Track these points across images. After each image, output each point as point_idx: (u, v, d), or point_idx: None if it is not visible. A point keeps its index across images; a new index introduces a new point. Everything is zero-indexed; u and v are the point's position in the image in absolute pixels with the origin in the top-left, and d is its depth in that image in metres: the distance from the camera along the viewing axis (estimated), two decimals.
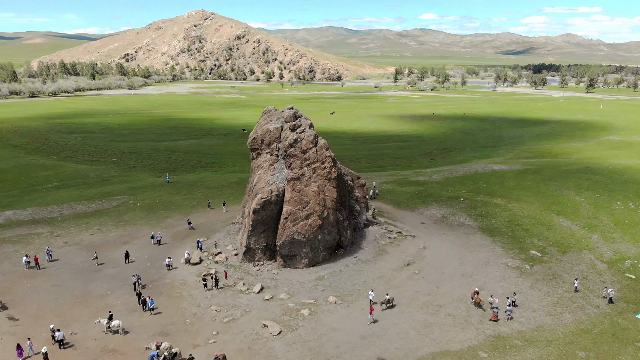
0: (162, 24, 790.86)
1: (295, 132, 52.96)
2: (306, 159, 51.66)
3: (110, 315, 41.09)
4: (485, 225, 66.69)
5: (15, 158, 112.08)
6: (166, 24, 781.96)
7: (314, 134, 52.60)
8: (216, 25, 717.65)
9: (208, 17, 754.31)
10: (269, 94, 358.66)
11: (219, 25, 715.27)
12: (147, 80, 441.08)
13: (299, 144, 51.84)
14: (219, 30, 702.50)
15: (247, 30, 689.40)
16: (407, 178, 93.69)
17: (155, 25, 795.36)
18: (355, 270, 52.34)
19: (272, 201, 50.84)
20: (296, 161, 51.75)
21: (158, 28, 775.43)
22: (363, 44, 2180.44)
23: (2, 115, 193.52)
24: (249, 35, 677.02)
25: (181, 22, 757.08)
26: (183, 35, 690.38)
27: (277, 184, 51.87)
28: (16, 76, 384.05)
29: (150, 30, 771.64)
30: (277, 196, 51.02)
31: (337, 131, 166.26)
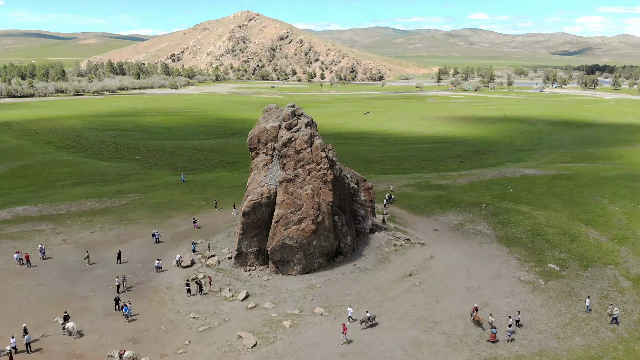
0: (208, 24, 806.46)
1: (290, 131, 50.10)
2: (300, 159, 48.72)
3: (65, 316, 39.73)
4: (503, 235, 61.76)
5: (43, 154, 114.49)
6: (212, 24, 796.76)
7: (310, 133, 49.57)
8: (260, 26, 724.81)
9: (253, 17, 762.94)
10: (307, 94, 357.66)
11: (263, 26, 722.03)
12: (190, 80, 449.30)
13: (293, 144, 48.96)
14: (262, 31, 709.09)
15: (290, 31, 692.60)
16: (429, 182, 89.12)
17: (202, 26, 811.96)
18: (351, 280, 48.97)
19: (262, 203, 48.19)
20: (290, 162, 48.91)
21: (204, 29, 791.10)
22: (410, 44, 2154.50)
23: (42, 112, 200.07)
24: (292, 35, 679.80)
25: (226, 23, 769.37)
26: (228, 36, 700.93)
27: (268, 185, 49.19)
28: (64, 75, 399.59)
29: (197, 31, 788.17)
30: (268, 198, 48.33)
31: (367, 132, 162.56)
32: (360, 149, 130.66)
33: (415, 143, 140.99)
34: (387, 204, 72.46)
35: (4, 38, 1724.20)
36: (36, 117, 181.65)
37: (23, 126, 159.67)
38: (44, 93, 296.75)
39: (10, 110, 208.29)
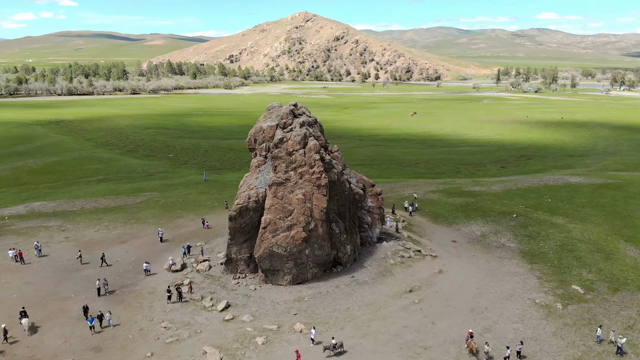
0: (266, 26, 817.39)
1: (283, 131, 46.79)
2: (292, 161, 45.30)
3: (21, 312, 38.62)
4: (529, 249, 55.67)
5: (80, 150, 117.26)
6: (270, 26, 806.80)
7: (303, 134, 46.01)
8: (317, 26, 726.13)
9: (310, 18, 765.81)
10: (357, 94, 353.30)
11: (320, 26, 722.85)
12: (244, 81, 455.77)
13: (285, 145, 45.61)
14: (319, 31, 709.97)
15: (346, 31, 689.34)
16: (461, 188, 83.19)
17: (260, 27, 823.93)
18: (344, 293, 45.02)
19: (250, 208, 45.18)
20: (281, 164, 45.60)
21: (262, 30, 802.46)
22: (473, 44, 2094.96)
23: (94, 110, 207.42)
24: (348, 36, 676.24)
25: (284, 24, 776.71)
26: (285, 37, 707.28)
27: (257, 188, 46.10)
28: (125, 74, 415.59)
29: (255, 33, 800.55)
30: (256, 202, 45.25)
31: (409, 133, 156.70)
32: (396, 151, 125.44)
33: (457, 146, 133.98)
34: (411, 212, 67.69)
35: (75, 39, 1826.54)
36: (86, 115, 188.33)
37: (71, 123, 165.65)
38: (103, 91, 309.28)
39: (65, 108, 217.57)
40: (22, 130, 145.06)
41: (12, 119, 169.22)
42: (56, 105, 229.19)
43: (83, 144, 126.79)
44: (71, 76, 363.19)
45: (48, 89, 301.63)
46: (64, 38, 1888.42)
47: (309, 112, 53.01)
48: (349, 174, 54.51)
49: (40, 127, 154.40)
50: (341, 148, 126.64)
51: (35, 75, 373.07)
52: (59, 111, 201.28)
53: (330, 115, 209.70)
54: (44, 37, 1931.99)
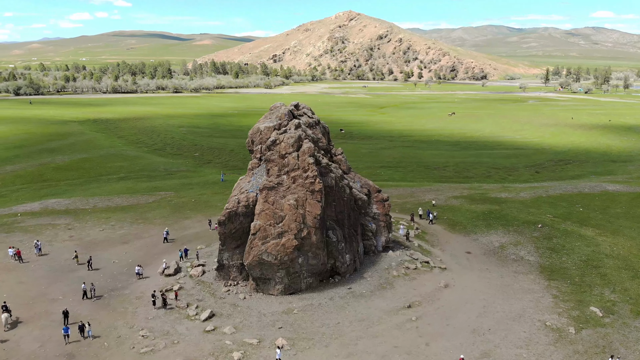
0: (310, 25, 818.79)
1: (276, 132, 44.46)
2: (285, 165, 42.91)
3: (3, 306, 38.10)
4: (549, 264, 51.21)
5: (109, 148, 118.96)
6: (314, 25, 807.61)
7: (297, 136, 43.48)
8: (360, 25, 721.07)
9: (354, 17, 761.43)
10: (396, 93, 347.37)
11: (363, 25, 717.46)
12: (285, 80, 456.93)
13: (277, 147, 43.27)
14: (362, 30, 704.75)
15: (390, 30, 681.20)
16: (486, 194, 78.60)
17: (304, 27, 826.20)
18: (337, 307, 42.27)
19: (239, 213, 43.12)
20: (274, 167, 43.30)
21: (306, 30, 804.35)
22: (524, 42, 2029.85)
23: (133, 108, 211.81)
24: (392, 34, 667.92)
25: (328, 24, 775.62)
26: (328, 36, 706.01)
27: (248, 192, 43.98)
28: (170, 73, 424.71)
29: (299, 32, 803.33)
30: (245, 207, 43.15)
31: (443, 134, 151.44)
32: (425, 153, 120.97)
33: (492, 148, 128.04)
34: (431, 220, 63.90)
35: (128, 38, 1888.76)
36: (124, 113, 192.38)
37: (108, 120, 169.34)
38: (146, 90, 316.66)
39: (106, 106, 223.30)
40: (58, 127, 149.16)
41: (52, 116, 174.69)
42: (97, 103, 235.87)
43: (114, 142, 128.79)
44: (117, 74, 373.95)
45: (94, 87, 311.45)
46: (118, 38, 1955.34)
47: (310, 113, 50.53)
48: (353, 179, 51.69)
49: (77, 124, 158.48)
50: (369, 149, 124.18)
51: (84, 74, 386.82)
52: (98, 109, 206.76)
53: (364, 115, 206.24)
54: (99, 37, 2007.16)
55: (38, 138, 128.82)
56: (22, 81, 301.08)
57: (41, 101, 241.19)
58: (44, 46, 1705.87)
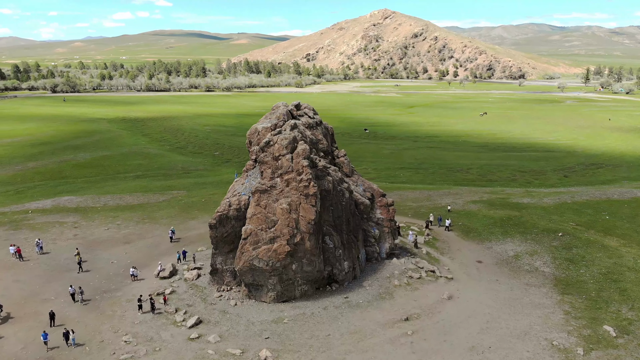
0: (345, 24, 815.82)
1: (271, 133, 42.77)
2: (278, 167, 41.18)
3: None
4: (565, 276, 47.83)
5: (132, 146, 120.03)
6: (349, 24, 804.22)
7: (292, 137, 41.65)
8: (395, 23, 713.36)
9: (389, 15, 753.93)
10: (428, 92, 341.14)
11: (398, 23, 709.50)
12: (316, 79, 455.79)
13: (271, 149, 41.57)
14: (397, 28, 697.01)
15: (425, 28, 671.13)
16: (508, 198, 75.00)
17: (339, 25, 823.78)
18: (330, 317, 40.29)
19: (230, 216, 41.64)
20: (267, 169, 41.65)
21: (341, 28, 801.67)
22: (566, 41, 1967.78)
23: (163, 106, 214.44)
24: (427, 32, 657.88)
25: (362, 22, 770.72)
26: (361, 34, 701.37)
27: (240, 195, 42.44)
28: (204, 72, 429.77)
29: (333, 31, 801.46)
30: (237, 211, 41.63)
31: (471, 134, 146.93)
32: (450, 154, 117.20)
33: (521, 150, 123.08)
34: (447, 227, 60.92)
35: (168, 37, 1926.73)
36: (154, 110, 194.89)
37: (136, 118, 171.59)
38: (179, 88, 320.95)
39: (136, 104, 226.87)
40: (86, 125, 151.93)
41: (82, 114, 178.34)
42: (129, 102, 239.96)
43: (138, 140, 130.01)
44: (152, 73, 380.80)
45: (128, 85, 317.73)
46: (157, 37, 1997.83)
47: (312, 113, 48.69)
48: (356, 182, 49.56)
49: (106, 122, 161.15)
50: (391, 149, 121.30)
51: (120, 72, 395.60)
52: (129, 107, 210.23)
53: (392, 115, 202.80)
54: (139, 36, 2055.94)
55: (65, 135, 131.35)
56: (60, 79, 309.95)
57: (75, 99, 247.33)
58: (86, 45, 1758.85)
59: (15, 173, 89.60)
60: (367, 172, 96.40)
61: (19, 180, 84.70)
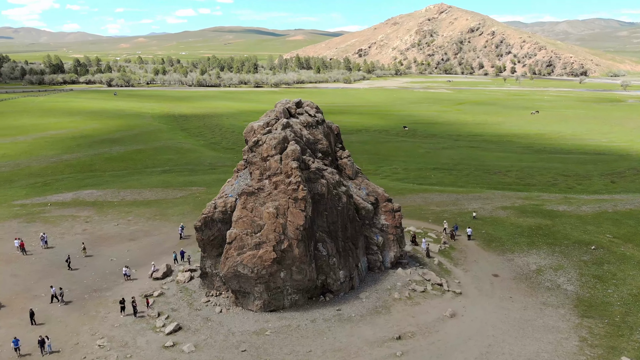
0: (399, 19, 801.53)
1: (261, 132, 40.39)
2: (266, 168, 38.78)
3: None
4: (589, 296, 42.88)
5: (167, 140, 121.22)
6: (403, 19, 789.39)
7: (282, 137, 39.08)
8: (451, 18, 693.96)
9: (444, 10, 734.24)
10: (481, 89, 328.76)
11: (454, 18, 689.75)
12: (365, 75, 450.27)
13: (259, 149, 39.21)
14: (452, 23, 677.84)
15: (482, 23, 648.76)
16: (542, 205, 69.37)
17: (393, 20, 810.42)
18: (316, 331, 37.58)
19: (215, 219, 39.68)
20: (255, 171, 39.35)
21: (395, 23, 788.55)
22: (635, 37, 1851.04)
23: (208, 102, 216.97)
24: (484, 27, 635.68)
25: (417, 17, 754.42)
26: (415, 29, 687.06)
27: (227, 197, 40.37)
28: (256, 68, 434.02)
29: (387, 26, 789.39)
30: (222, 213, 39.61)
31: (516, 134, 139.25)
32: (490, 155, 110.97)
33: (568, 152, 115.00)
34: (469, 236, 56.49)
35: (227, 34, 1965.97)
36: (199, 105, 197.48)
37: (180, 113, 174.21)
38: (229, 84, 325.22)
39: (183, 100, 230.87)
40: (130, 119, 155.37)
41: (129, 109, 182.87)
42: (177, 97, 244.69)
43: (175, 134, 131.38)
44: (205, 69, 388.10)
45: (180, 80, 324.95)
46: (217, 33, 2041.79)
47: (313, 112, 45.99)
48: (359, 185, 46.44)
49: (150, 117, 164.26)
50: (428, 148, 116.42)
51: (175, 67, 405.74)
52: (176, 102, 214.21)
53: (437, 111, 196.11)
54: (200, 32, 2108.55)
55: (106, 129, 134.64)
56: (116, 73, 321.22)
57: (127, 93, 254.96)
58: (148, 40, 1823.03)
59: (48, 165, 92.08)
60: (396, 172, 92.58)
61: (49, 172, 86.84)
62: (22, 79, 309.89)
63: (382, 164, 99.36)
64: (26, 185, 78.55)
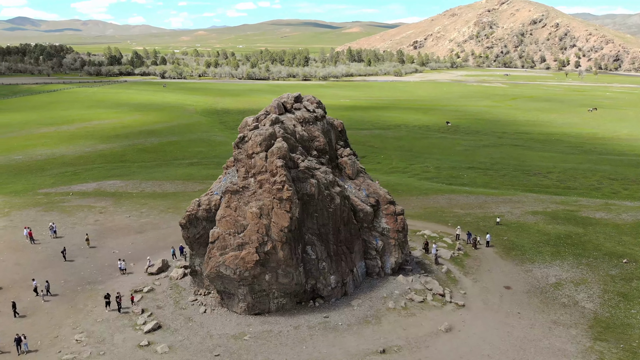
0: (458, 10, 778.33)
1: (247, 128, 38.68)
2: (252, 166, 37.06)
3: None
4: (608, 316, 38.65)
5: (202, 132, 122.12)
6: (462, 10, 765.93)
7: (269, 133, 37.16)
8: (512, 9, 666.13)
9: (505, 1, 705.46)
10: (539, 83, 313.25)
11: (515, 9, 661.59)
12: (418, 68, 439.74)
13: (245, 145, 37.53)
14: (514, 14, 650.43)
15: (546, 14, 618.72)
16: (577, 211, 64.11)
17: (451, 11, 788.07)
18: (296, 339, 35.66)
19: (199, 217, 38.42)
20: (241, 168, 37.74)
21: (453, 14, 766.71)
22: None
23: (252, 96, 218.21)
24: (547, 19, 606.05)
25: (477, 8, 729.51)
26: (474, 21, 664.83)
27: (213, 195, 38.99)
28: (307, 60, 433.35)
29: (445, 18, 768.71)
30: (206, 211, 38.28)
31: (568, 133, 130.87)
32: (533, 154, 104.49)
33: (620, 154, 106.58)
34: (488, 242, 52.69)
35: (284, 26, 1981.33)
36: (243, 100, 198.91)
37: (223, 107, 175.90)
38: (277, 77, 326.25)
39: (230, 93, 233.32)
40: (172, 111, 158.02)
41: (175, 101, 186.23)
42: (225, 90, 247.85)
43: (212, 127, 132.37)
44: (256, 62, 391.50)
45: (231, 73, 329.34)
46: (274, 26, 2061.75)
47: (313, 107, 43.82)
48: (359, 186, 43.91)
49: (193, 109, 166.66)
50: (466, 146, 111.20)
51: (227, 61, 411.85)
52: (222, 95, 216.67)
53: (486, 106, 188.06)
54: (258, 25, 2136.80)
55: (147, 121, 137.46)
56: (169, 65, 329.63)
57: (177, 85, 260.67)
58: (208, 34, 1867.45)
59: (82, 155, 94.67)
60: (426, 171, 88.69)
61: (81, 162, 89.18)
62: (81, 70, 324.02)
63: (413, 162, 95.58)
64: (56, 174, 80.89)
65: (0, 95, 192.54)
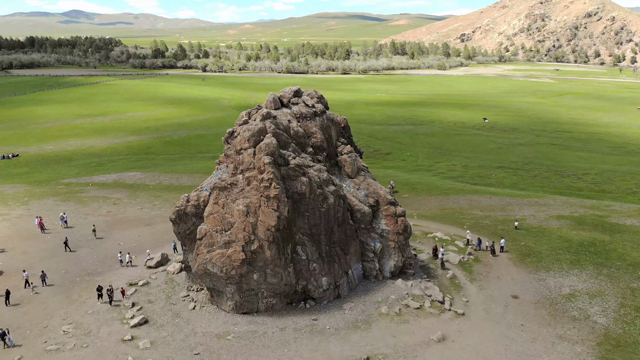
0: (508, 2, 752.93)
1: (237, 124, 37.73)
2: (240, 162, 36.16)
3: None
4: (621, 333, 35.70)
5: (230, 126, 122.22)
6: (513, 2, 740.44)
7: (258, 129, 36.07)
8: (566, 1, 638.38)
9: None
10: (590, 79, 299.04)
11: (570, 1, 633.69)
12: (463, 61, 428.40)
13: (234, 141, 36.64)
14: (568, 7, 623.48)
15: (601, 7, 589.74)
16: (607, 217, 60.09)
17: (502, 3, 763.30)
18: (279, 341, 34.64)
19: (188, 213, 37.84)
20: (230, 164, 36.93)
21: (503, 6, 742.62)
22: None
23: None
24: (603, 12, 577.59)
25: (529, 0, 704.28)
26: (526, 13, 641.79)
27: (202, 190, 38.30)
28: (349, 54, 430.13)
29: (495, 10, 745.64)
30: (195, 207, 37.65)
31: (612, 133, 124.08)
32: (571, 154, 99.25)
33: None
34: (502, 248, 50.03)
35: (330, 20, 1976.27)
36: None
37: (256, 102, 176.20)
38: (316, 70, 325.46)
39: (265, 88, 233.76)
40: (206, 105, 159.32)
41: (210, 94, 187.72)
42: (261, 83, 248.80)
43: None
44: (297, 55, 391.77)
45: (271, 67, 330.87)
46: (320, 19, 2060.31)
47: (312, 102, 42.43)
48: (358, 185, 42.27)
49: (227, 103, 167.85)
50: (500, 144, 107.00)
51: (269, 54, 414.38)
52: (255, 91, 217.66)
53: (530, 103, 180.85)
54: (304, 18, 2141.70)
55: (179, 114, 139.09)
56: (211, 59, 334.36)
57: (215, 79, 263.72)
58: (254, 27, 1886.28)
59: (109, 146, 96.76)
60: (452, 170, 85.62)
61: (107, 153, 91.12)
62: (126, 63, 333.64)
63: (440, 160, 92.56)
64: (82, 164, 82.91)
65: (45, 86, 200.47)
